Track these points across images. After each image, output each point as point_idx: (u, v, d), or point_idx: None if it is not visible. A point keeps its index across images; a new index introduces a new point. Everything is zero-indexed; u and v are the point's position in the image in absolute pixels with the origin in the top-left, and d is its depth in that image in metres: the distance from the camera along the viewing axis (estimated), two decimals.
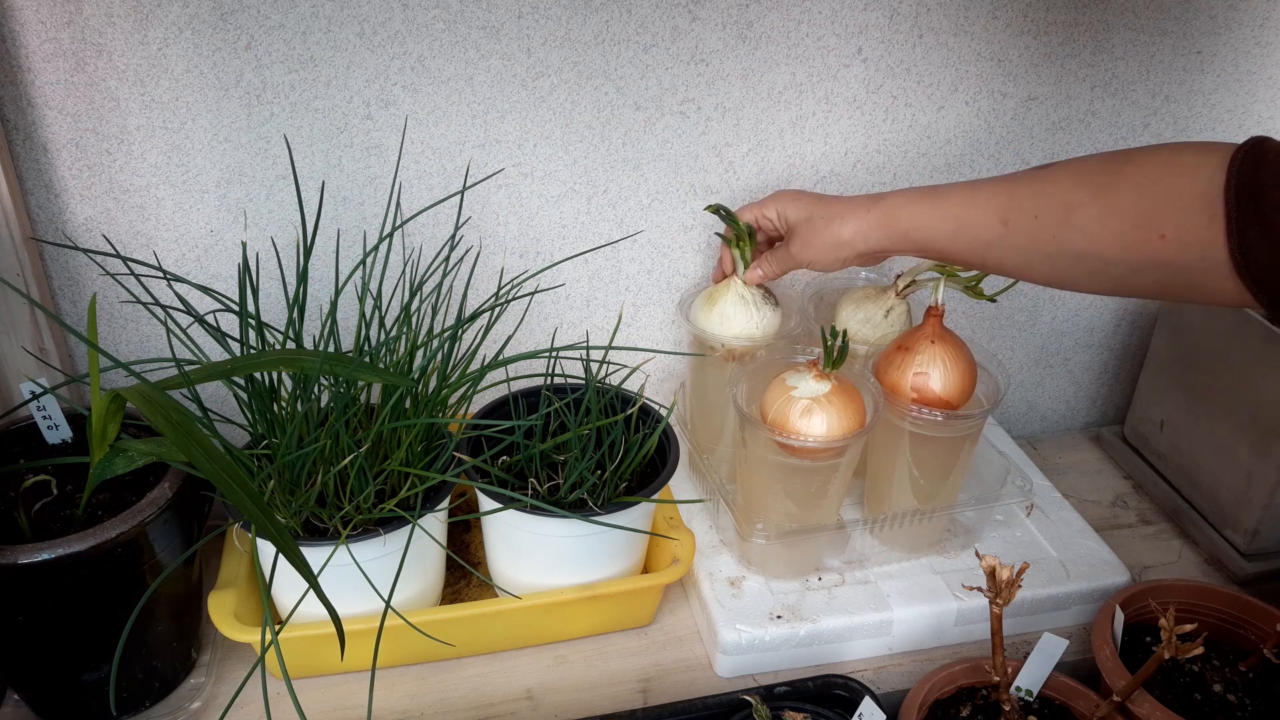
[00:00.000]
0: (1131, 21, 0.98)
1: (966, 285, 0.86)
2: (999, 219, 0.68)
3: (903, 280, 0.90)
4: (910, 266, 0.91)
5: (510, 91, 0.88)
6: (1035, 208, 0.66)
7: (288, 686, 0.55)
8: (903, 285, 0.90)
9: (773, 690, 0.75)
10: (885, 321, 0.91)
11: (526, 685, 0.82)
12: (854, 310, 0.93)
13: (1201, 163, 0.58)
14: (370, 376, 0.74)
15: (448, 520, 0.83)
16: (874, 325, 0.91)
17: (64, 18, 0.77)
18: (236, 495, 0.55)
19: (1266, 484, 0.94)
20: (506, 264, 0.96)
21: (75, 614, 0.69)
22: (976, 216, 0.70)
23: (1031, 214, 0.66)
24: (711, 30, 0.89)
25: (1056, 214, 0.64)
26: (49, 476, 0.74)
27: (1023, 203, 0.67)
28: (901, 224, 0.75)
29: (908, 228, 0.74)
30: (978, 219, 0.69)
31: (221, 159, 0.85)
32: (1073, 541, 0.94)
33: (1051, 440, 1.20)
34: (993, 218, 0.68)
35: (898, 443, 0.86)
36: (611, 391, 0.86)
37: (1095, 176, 0.63)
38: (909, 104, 0.97)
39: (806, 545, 0.87)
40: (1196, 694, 0.78)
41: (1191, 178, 0.58)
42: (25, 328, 0.83)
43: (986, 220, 0.69)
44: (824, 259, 0.81)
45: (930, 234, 0.73)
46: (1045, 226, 0.65)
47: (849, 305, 0.93)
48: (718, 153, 0.96)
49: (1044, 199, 0.65)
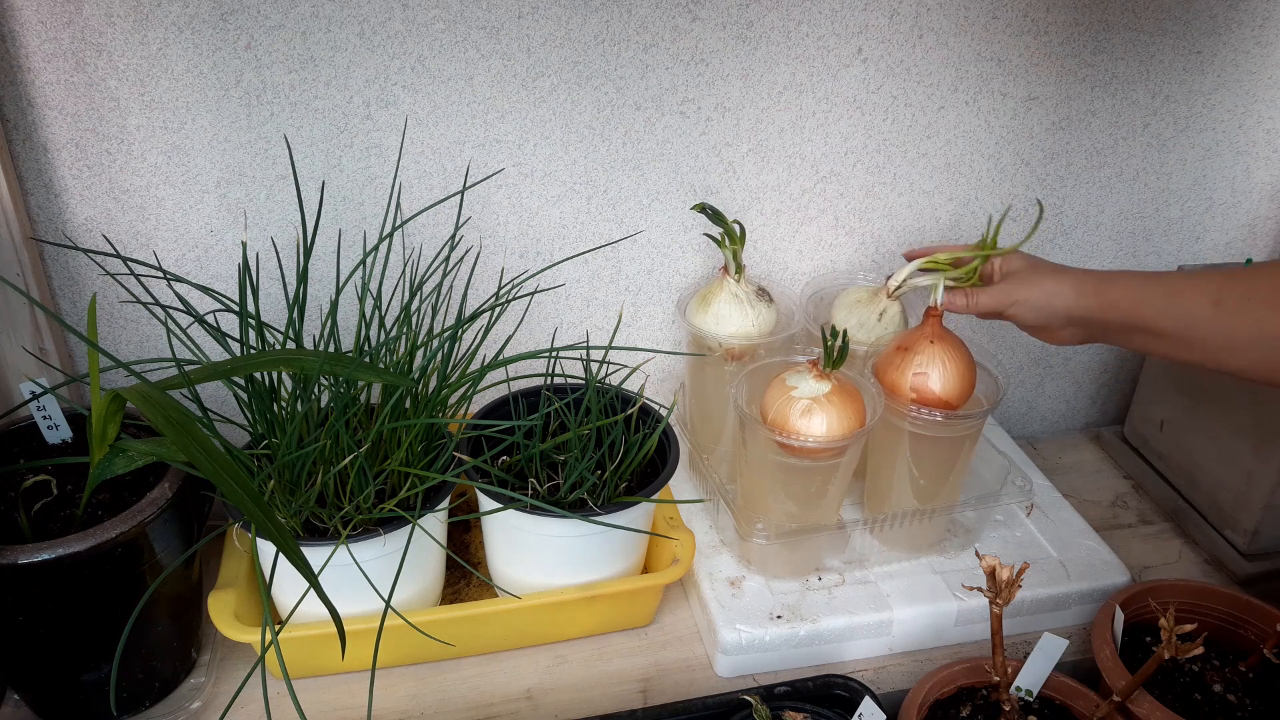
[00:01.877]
0: (1131, 21, 0.98)
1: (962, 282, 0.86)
2: (1211, 300, 0.71)
3: (893, 281, 0.89)
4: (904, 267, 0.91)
5: (510, 91, 0.88)
6: (1248, 291, 0.69)
7: (288, 686, 0.55)
8: (894, 287, 0.89)
9: (773, 690, 0.75)
10: (879, 324, 0.91)
11: (526, 685, 0.82)
12: (848, 314, 0.92)
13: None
14: (370, 376, 0.74)
15: (448, 520, 0.83)
16: (868, 328, 0.91)
17: (64, 18, 0.77)
18: (236, 495, 0.55)
19: (1266, 484, 0.94)
20: (506, 264, 0.96)
21: (75, 614, 0.69)
22: (1190, 294, 0.73)
23: (1244, 296, 0.69)
24: (711, 30, 0.89)
25: (1264, 296, 0.68)
26: (49, 476, 0.74)
27: (1236, 286, 0.70)
28: (1115, 291, 0.77)
29: (1119, 295, 0.76)
30: (1190, 296, 0.72)
31: (221, 159, 0.85)
32: (1073, 541, 0.94)
33: (1051, 440, 1.20)
34: (1205, 298, 0.71)
35: (897, 443, 0.86)
36: (611, 391, 0.86)
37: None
38: (909, 104, 0.97)
39: (806, 545, 0.87)
40: (1196, 694, 0.78)
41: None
42: (25, 328, 0.83)
43: (1198, 299, 0.72)
44: (1036, 301, 0.81)
45: (1140, 304, 0.75)
46: (1252, 308, 0.69)
47: (843, 309, 0.93)
48: (718, 153, 0.96)
49: (1256, 283, 0.69)
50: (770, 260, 1.04)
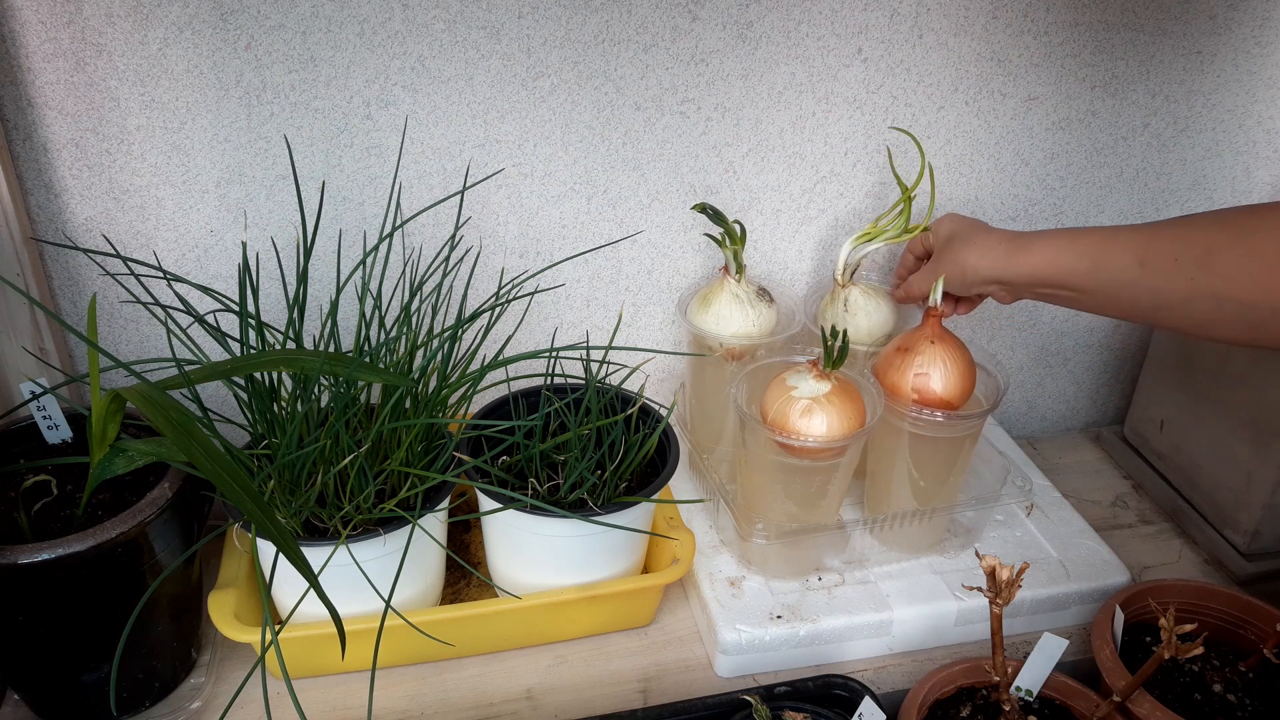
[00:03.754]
0: (1131, 21, 0.98)
1: (897, 237, 0.89)
2: (1137, 259, 0.68)
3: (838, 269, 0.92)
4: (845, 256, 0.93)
5: (510, 91, 0.88)
6: (1175, 250, 0.66)
7: (288, 686, 0.55)
8: (839, 273, 0.92)
9: (773, 690, 0.75)
10: (846, 314, 0.92)
11: (526, 685, 0.82)
12: (821, 318, 0.94)
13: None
14: (370, 376, 0.74)
15: (448, 520, 0.83)
16: (841, 320, 0.92)
17: (64, 18, 0.77)
18: (237, 495, 0.55)
19: (1266, 484, 0.94)
20: (506, 264, 0.96)
21: (75, 614, 0.69)
22: (1114, 256, 0.69)
23: (1170, 256, 0.66)
24: (711, 30, 0.89)
25: (1196, 256, 0.64)
26: (49, 476, 0.74)
27: (1162, 245, 0.67)
28: (1033, 257, 0.75)
29: (1039, 261, 0.74)
30: (1115, 259, 0.69)
31: (221, 159, 0.85)
32: (1073, 541, 0.94)
33: (1051, 440, 1.20)
34: (1130, 258, 0.68)
35: (897, 443, 0.86)
36: (611, 391, 0.86)
37: (1238, 220, 0.64)
38: (909, 104, 0.97)
39: (806, 545, 0.87)
40: (1196, 694, 0.78)
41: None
42: (25, 328, 0.83)
43: (1124, 260, 0.69)
44: (955, 277, 0.81)
45: (1062, 271, 0.73)
46: (1184, 268, 0.65)
47: (822, 317, 0.94)
48: (718, 153, 0.96)
49: (1184, 242, 0.66)
50: (770, 260, 1.04)
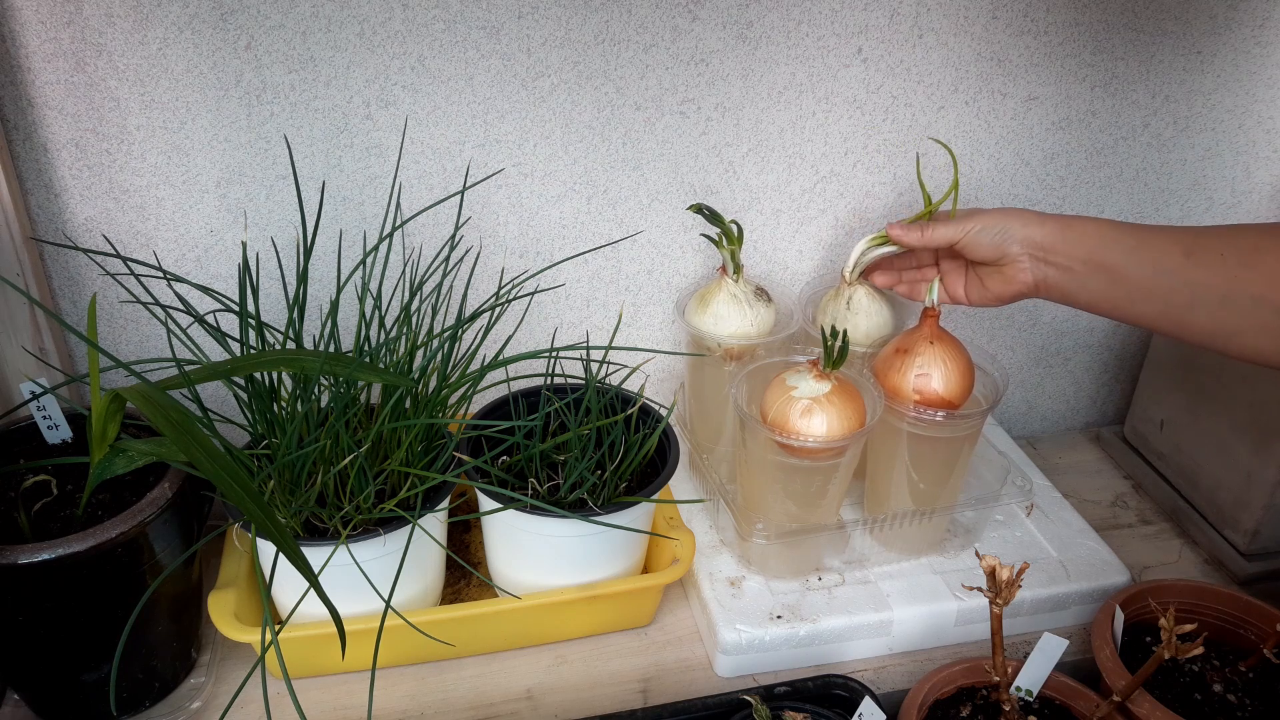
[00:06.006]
0: (1131, 21, 0.98)
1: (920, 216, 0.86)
2: (1182, 249, 0.67)
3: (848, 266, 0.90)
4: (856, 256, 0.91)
5: (510, 91, 0.88)
6: (1221, 246, 0.66)
7: (288, 686, 0.55)
8: (849, 271, 0.90)
9: (773, 690, 0.75)
10: (849, 312, 0.92)
11: (526, 685, 0.82)
12: (822, 314, 0.94)
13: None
14: (370, 376, 0.74)
15: (448, 520, 0.83)
16: (841, 319, 0.92)
17: (64, 18, 0.77)
18: (237, 495, 0.55)
19: (1266, 484, 0.94)
20: (506, 264, 0.96)
21: (75, 614, 0.69)
22: (1160, 242, 0.69)
23: (1216, 250, 0.66)
24: (711, 30, 0.89)
25: (1242, 253, 0.64)
26: (49, 476, 0.74)
27: (1209, 240, 0.67)
28: (1081, 225, 0.73)
29: (1086, 229, 0.72)
30: (1161, 244, 0.69)
31: (221, 159, 0.85)
32: (1073, 541, 0.94)
33: (1051, 440, 1.20)
34: (1176, 247, 0.68)
35: (897, 443, 0.86)
36: (611, 391, 0.86)
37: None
38: (909, 104, 0.97)
39: (806, 545, 0.87)
40: (1196, 694, 0.78)
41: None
42: (25, 328, 0.83)
43: (1169, 247, 0.68)
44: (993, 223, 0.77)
45: (1108, 243, 0.71)
46: (1228, 264, 0.65)
47: (822, 312, 0.94)
48: (718, 153, 0.96)
49: (1231, 240, 0.66)
50: (770, 260, 1.04)
